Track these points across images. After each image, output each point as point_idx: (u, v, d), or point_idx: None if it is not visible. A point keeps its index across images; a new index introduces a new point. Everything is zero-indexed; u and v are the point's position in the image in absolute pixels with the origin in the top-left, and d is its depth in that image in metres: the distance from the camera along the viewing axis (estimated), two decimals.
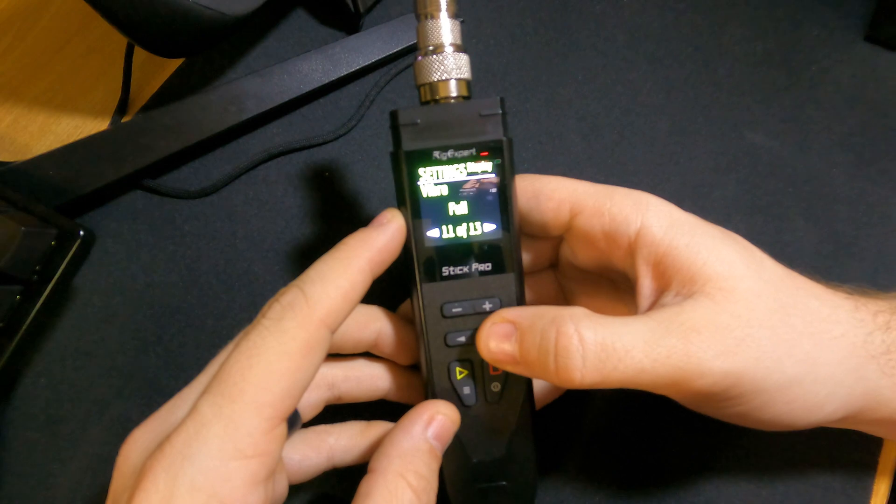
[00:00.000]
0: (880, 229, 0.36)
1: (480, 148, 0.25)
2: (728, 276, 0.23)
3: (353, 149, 0.38)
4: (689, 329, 0.22)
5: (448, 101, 0.25)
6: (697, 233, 0.24)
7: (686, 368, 0.22)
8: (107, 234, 0.36)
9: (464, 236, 0.25)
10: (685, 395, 0.24)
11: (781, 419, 0.24)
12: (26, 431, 0.33)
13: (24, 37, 0.42)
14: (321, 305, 0.22)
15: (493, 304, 0.25)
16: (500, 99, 0.25)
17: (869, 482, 0.31)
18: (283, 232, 0.36)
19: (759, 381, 0.22)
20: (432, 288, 0.25)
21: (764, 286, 0.23)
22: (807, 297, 0.24)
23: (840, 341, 0.24)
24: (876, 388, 0.24)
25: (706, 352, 0.22)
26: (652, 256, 0.24)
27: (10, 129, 0.40)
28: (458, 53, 0.26)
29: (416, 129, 0.25)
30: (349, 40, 0.39)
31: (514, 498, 0.27)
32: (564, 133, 0.38)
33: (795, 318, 0.23)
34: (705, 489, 0.31)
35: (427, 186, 0.25)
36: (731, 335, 0.22)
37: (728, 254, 0.24)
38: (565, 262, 0.30)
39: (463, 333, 0.25)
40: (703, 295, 0.23)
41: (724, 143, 0.38)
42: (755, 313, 0.23)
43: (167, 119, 0.36)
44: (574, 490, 0.31)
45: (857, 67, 0.40)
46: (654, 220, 0.24)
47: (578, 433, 0.32)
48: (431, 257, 0.25)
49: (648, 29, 0.41)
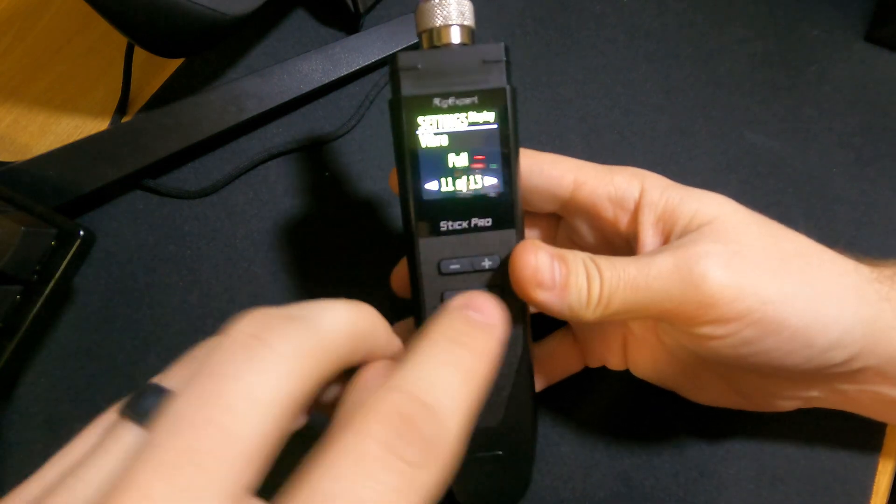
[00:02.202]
0: (880, 229, 0.36)
1: (482, 95, 0.24)
2: (718, 213, 0.25)
3: (353, 149, 0.38)
4: (686, 244, 0.24)
5: (450, 49, 0.24)
6: (687, 190, 0.26)
7: (689, 279, 0.23)
8: (107, 234, 0.36)
9: (463, 190, 0.24)
10: (686, 323, 0.24)
11: (792, 344, 0.23)
12: (26, 431, 0.33)
13: (24, 37, 0.42)
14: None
15: (492, 261, 0.24)
16: (504, 45, 0.24)
17: (870, 478, 0.31)
18: (283, 232, 0.36)
19: (760, 293, 0.23)
20: (429, 243, 0.24)
21: (752, 218, 0.25)
22: (794, 232, 0.26)
23: (833, 264, 0.25)
24: (878, 312, 0.24)
25: (704, 264, 0.23)
26: (653, 216, 0.26)
27: (10, 129, 0.40)
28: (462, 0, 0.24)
29: (417, 74, 0.23)
30: (349, 40, 0.39)
31: (510, 467, 0.26)
32: (564, 133, 0.38)
33: (786, 243, 0.25)
34: (706, 488, 0.31)
35: (426, 136, 0.24)
36: (726, 249, 0.23)
37: (717, 199, 0.26)
38: (563, 244, 0.30)
39: (461, 292, 0.25)
40: (696, 231, 0.24)
41: (724, 143, 0.38)
42: (746, 237, 0.24)
43: (167, 119, 0.36)
44: (574, 475, 0.31)
45: (857, 67, 0.40)
46: (651, 185, 0.26)
47: (578, 425, 0.32)
48: (429, 211, 0.24)
49: (648, 29, 0.41)
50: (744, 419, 0.31)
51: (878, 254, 0.35)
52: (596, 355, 0.30)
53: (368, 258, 0.35)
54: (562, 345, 0.31)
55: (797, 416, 0.29)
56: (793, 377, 0.26)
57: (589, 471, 0.31)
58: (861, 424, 0.30)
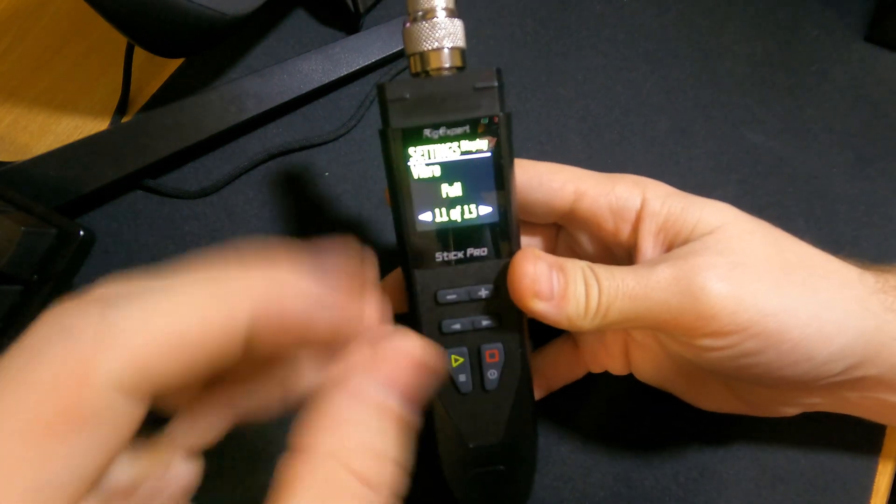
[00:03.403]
0: (880, 229, 0.36)
1: (475, 125, 0.23)
2: (721, 223, 0.24)
3: (353, 149, 0.38)
4: (686, 254, 0.23)
5: (440, 74, 0.23)
6: (689, 199, 0.25)
7: (687, 291, 0.22)
8: (107, 234, 0.36)
9: (458, 220, 0.24)
10: (685, 335, 0.23)
11: (793, 356, 0.23)
12: None
13: (24, 37, 0.42)
14: (121, 349, 0.13)
15: (488, 290, 0.24)
16: (497, 70, 0.23)
17: (870, 479, 0.31)
18: (283, 232, 0.36)
19: (760, 306, 0.22)
20: (425, 275, 0.24)
21: (755, 227, 0.25)
22: (797, 241, 0.25)
23: (836, 274, 0.24)
24: (882, 324, 0.24)
25: (703, 276, 0.22)
26: (654, 226, 0.25)
27: (10, 129, 0.40)
28: (451, 19, 0.23)
29: (406, 104, 0.23)
30: (349, 40, 0.39)
31: (512, 482, 0.26)
32: (564, 133, 0.38)
33: (789, 254, 0.24)
34: (706, 488, 0.31)
35: (418, 167, 0.23)
36: (727, 260, 0.23)
37: (720, 208, 0.25)
38: (563, 254, 0.30)
39: (458, 321, 0.24)
40: (698, 241, 0.24)
41: (724, 143, 0.38)
42: (749, 246, 0.24)
43: (167, 119, 0.36)
44: (574, 475, 0.31)
45: (857, 67, 0.40)
46: (652, 194, 0.26)
47: (578, 425, 0.32)
48: (424, 242, 0.24)
49: (648, 29, 0.41)
50: (744, 420, 0.31)
51: (877, 253, 0.35)
52: (598, 361, 0.30)
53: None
54: (563, 352, 0.31)
55: (797, 417, 0.29)
56: (794, 386, 0.26)
57: (589, 471, 0.31)
58: (861, 425, 0.29)
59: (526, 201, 0.27)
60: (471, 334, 0.25)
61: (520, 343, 0.25)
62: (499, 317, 0.25)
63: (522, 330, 0.25)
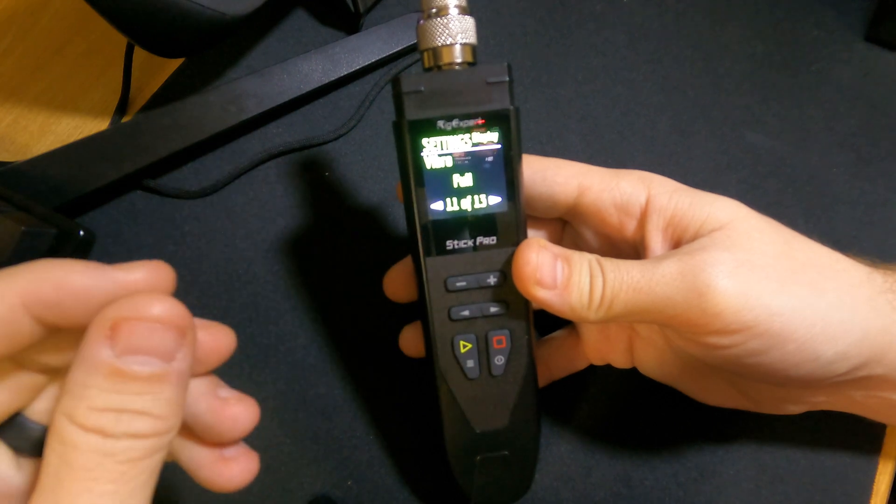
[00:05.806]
0: (880, 229, 0.36)
1: (486, 117, 0.24)
2: (730, 219, 0.24)
3: (353, 149, 0.38)
4: (694, 250, 0.23)
5: (452, 68, 0.24)
6: (698, 195, 0.25)
7: (693, 287, 0.22)
8: (107, 234, 0.36)
9: (468, 209, 0.25)
10: (690, 331, 0.23)
11: (798, 356, 0.23)
12: None
13: (24, 37, 0.42)
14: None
15: (496, 278, 0.25)
16: (508, 65, 0.24)
17: (870, 479, 0.31)
18: (283, 232, 0.36)
19: (767, 304, 0.22)
20: (436, 262, 0.25)
21: (765, 225, 0.25)
22: (807, 240, 0.25)
23: (844, 274, 0.24)
24: (889, 324, 0.24)
25: (710, 272, 0.22)
26: (661, 222, 0.25)
27: (10, 129, 0.40)
28: (463, 16, 0.24)
29: (420, 96, 0.24)
30: (349, 40, 0.39)
31: (515, 466, 0.27)
32: (564, 133, 0.38)
33: (798, 252, 0.24)
34: (706, 488, 0.31)
35: (431, 158, 0.24)
36: (734, 257, 0.23)
37: (729, 204, 0.25)
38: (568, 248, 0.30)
39: (467, 307, 0.25)
40: (706, 237, 0.24)
41: (724, 143, 0.38)
42: (758, 244, 0.23)
43: (167, 119, 0.36)
44: (574, 475, 0.31)
45: (857, 67, 0.40)
46: (658, 190, 0.26)
47: (578, 424, 0.32)
48: (435, 231, 0.25)
49: (648, 29, 0.41)
50: (744, 419, 0.31)
51: (878, 253, 0.35)
52: (601, 354, 0.30)
53: (369, 258, 0.35)
54: (566, 342, 0.31)
55: (797, 417, 0.29)
56: (799, 385, 0.25)
57: (589, 471, 0.31)
58: (861, 425, 0.30)
59: (530, 196, 0.27)
60: (479, 321, 0.25)
61: (526, 330, 0.26)
62: (506, 304, 0.25)
63: (528, 318, 0.26)
